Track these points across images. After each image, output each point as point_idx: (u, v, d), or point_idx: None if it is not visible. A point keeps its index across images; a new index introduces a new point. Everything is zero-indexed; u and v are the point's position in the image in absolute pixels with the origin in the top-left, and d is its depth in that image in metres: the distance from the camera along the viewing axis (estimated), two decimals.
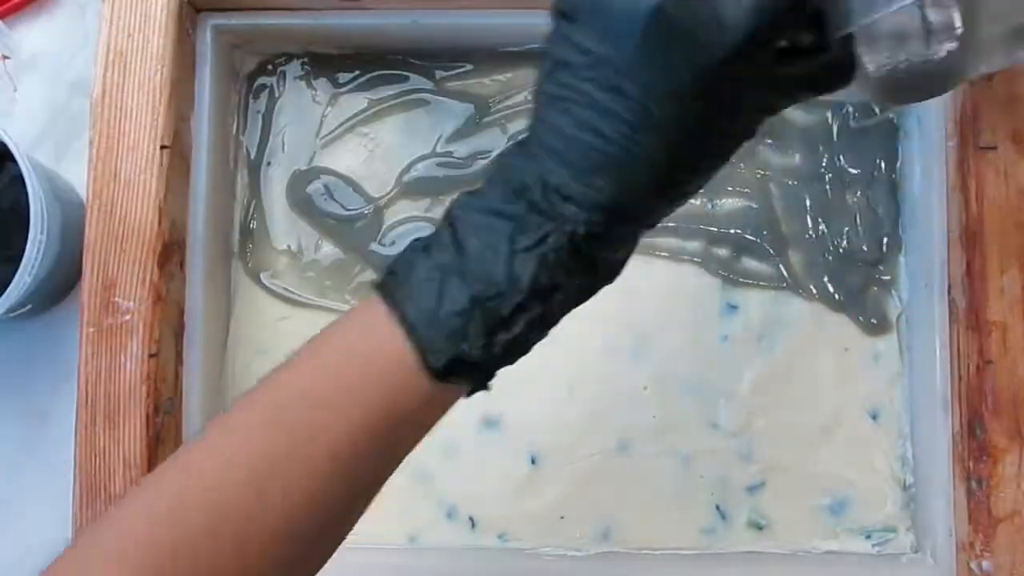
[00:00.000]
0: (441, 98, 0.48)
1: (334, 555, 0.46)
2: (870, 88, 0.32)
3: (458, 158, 0.48)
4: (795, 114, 0.47)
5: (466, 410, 0.46)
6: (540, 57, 0.29)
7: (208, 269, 0.45)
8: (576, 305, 0.29)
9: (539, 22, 0.45)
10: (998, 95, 0.42)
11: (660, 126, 0.26)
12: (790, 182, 0.47)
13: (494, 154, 0.47)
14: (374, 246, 0.48)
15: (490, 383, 0.29)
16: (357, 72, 0.48)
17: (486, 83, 0.48)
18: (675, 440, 0.46)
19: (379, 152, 0.48)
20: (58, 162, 0.49)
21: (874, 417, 0.46)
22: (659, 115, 0.26)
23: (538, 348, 0.46)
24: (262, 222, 0.48)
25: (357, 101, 0.48)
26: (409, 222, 0.48)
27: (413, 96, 0.48)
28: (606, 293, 0.46)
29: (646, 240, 0.46)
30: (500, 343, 0.27)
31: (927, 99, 0.39)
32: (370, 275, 0.48)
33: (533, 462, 0.46)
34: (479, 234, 0.27)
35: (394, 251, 0.45)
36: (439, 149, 0.48)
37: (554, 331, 0.46)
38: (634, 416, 0.46)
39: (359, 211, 0.48)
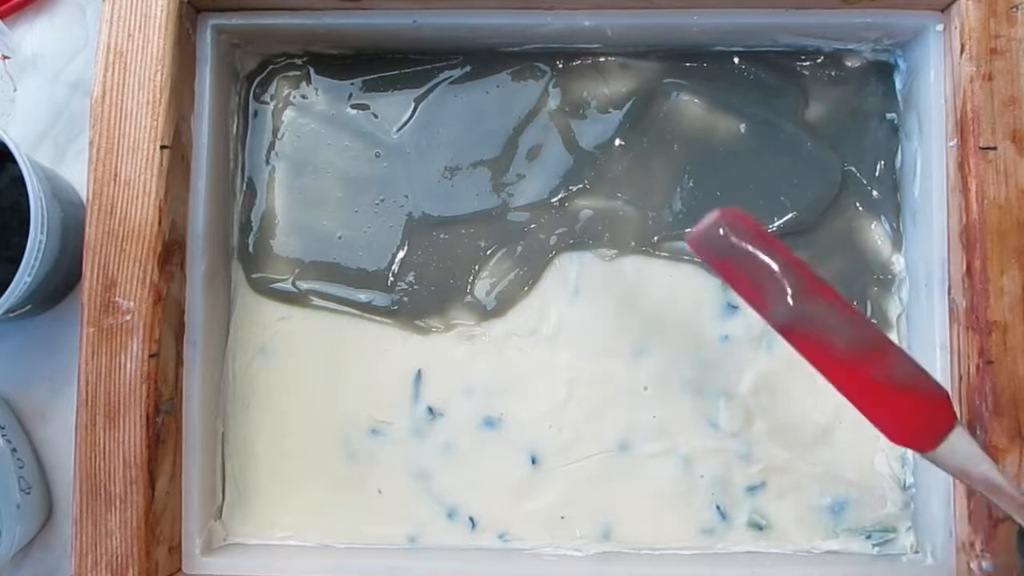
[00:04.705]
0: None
1: (335, 555, 0.46)
2: None
3: None
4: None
5: (466, 410, 0.47)
6: None
7: (208, 269, 0.45)
8: None
9: (539, 22, 0.46)
10: (998, 95, 0.42)
11: None
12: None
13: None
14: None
15: None
16: (357, 72, 0.48)
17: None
18: (675, 440, 0.46)
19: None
20: (58, 162, 0.49)
21: None
22: None
23: (538, 348, 0.47)
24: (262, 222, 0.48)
25: (357, 100, 0.48)
26: None
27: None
28: (606, 293, 0.47)
29: (646, 240, 0.47)
30: None
31: None
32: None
33: (533, 462, 0.46)
34: None
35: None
36: None
37: (554, 331, 0.47)
38: (634, 416, 0.46)
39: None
